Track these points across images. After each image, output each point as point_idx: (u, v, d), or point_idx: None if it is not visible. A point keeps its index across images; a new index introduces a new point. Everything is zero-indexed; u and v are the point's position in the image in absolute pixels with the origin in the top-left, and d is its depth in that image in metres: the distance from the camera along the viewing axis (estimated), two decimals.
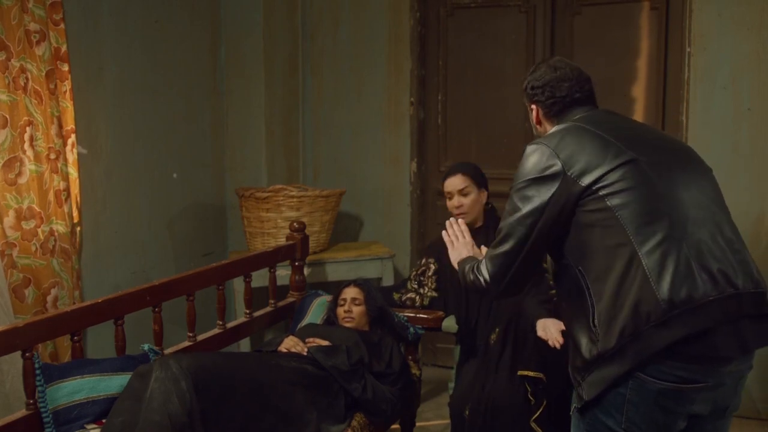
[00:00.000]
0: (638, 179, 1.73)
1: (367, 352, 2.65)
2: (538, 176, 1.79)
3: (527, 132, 3.95)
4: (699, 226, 1.71)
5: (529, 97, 2.04)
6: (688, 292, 1.63)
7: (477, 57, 4.06)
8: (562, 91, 1.97)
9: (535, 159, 1.81)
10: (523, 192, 1.81)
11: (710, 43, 3.48)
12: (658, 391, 1.66)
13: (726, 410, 1.78)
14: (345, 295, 2.88)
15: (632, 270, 1.67)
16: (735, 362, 1.70)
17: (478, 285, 1.93)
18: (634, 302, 1.65)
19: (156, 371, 2.11)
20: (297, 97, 4.23)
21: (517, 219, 1.81)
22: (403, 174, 4.17)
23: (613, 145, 1.77)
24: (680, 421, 1.70)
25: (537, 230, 1.79)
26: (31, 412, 2.09)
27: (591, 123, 1.86)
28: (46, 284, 2.82)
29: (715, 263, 1.67)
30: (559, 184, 1.76)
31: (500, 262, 1.85)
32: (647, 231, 1.68)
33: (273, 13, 3.99)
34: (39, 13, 2.77)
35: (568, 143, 1.79)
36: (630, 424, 1.69)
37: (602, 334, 1.69)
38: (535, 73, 2.03)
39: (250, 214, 3.60)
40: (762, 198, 3.47)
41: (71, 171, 2.99)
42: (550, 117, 2.01)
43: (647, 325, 1.63)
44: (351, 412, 2.52)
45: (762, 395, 3.53)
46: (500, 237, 1.86)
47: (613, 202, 1.71)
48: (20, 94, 2.71)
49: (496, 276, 1.87)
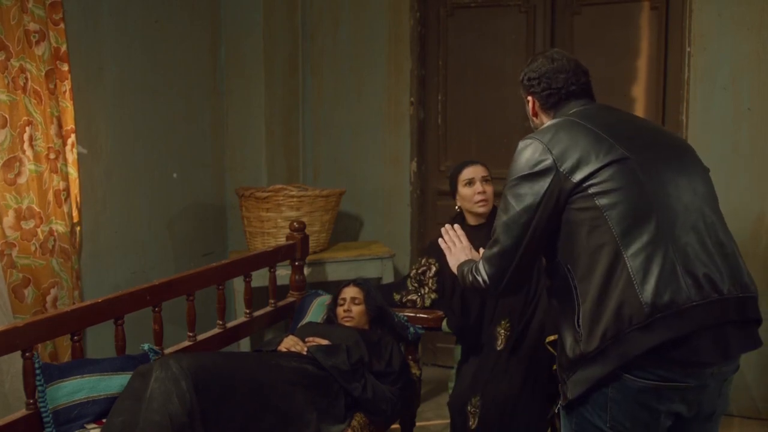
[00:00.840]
0: (628, 179, 1.71)
1: (367, 352, 2.64)
2: (530, 172, 1.77)
3: (527, 131, 3.92)
4: (687, 229, 1.69)
5: (525, 89, 2.03)
6: (671, 296, 1.62)
7: (477, 57, 4.06)
8: (558, 82, 1.95)
9: (528, 154, 1.80)
10: (515, 190, 1.80)
11: (710, 43, 3.48)
12: (638, 389, 1.66)
13: (713, 414, 1.77)
14: (344, 294, 2.88)
15: (617, 272, 1.66)
16: (717, 366, 1.69)
17: (477, 286, 1.91)
18: (617, 305, 1.64)
19: (156, 371, 2.11)
20: (297, 97, 4.23)
21: (511, 218, 1.79)
22: (403, 174, 4.17)
23: (605, 142, 1.75)
24: (663, 419, 1.70)
25: (532, 228, 1.77)
26: (31, 411, 2.09)
27: (585, 118, 1.84)
28: (45, 284, 2.82)
29: (701, 268, 1.66)
30: (552, 180, 1.75)
31: (497, 262, 1.84)
32: (634, 233, 1.67)
33: (273, 13, 3.99)
34: (38, 12, 2.76)
35: (561, 138, 1.77)
36: (615, 422, 1.70)
37: (585, 334, 1.69)
38: (532, 64, 2.01)
39: (250, 214, 3.60)
40: (762, 198, 3.47)
41: (71, 171, 2.99)
42: (546, 109, 1.99)
43: (630, 328, 1.63)
44: (351, 412, 2.51)
45: (763, 395, 3.53)
46: (495, 237, 1.84)
47: (601, 201, 1.70)
48: (20, 93, 2.71)
49: (494, 276, 1.85)
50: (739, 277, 1.71)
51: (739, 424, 3.51)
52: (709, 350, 1.65)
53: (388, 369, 2.67)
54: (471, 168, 2.93)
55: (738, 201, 3.45)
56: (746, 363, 3.46)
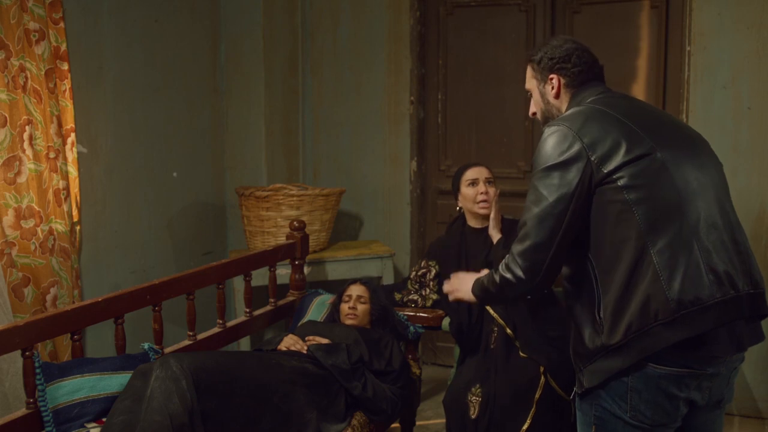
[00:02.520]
0: (657, 174, 1.71)
1: (368, 351, 2.64)
2: (561, 160, 1.73)
3: (527, 130, 3.95)
4: (709, 226, 1.71)
5: (548, 68, 1.96)
6: (696, 293, 1.64)
7: (477, 56, 4.06)
8: (589, 60, 1.93)
9: (556, 142, 1.75)
10: (547, 180, 1.74)
11: (710, 42, 3.48)
12: (659, 376, 1.68)
13: (720, 401, 1.81)
14: (351, 291, 2.88)
15: (643, 266, 1.67)
16: (730, 356, 1.74)
17: (508, 284, 1.82)
18: (643, 299, 1.65)
19: (157, 370, 2.11)
20: (297, 96, 4.23)
21: (545, 209, 1.73)
22: (403, 173, 4.17)
23: (635, 134, 1.74)
24: (682, 407, 1.73)
25: (567, 219, 1.73)
26: (31, 411, 2.09)
27: (612, 107, 1.81)
28: (45, 283, 2.82)
29: (722, 264, 1.68)
30: (584, 168, 1.71)
31: (531, 256, 1.77)
32: (660, 229, 1.67)
33: (273, 12, 3.99)
34: (38, 12, 2.76)
35: (591, 127, 1.74)
36: (635, 411, 1.71)
37: (607, 327, 1.70)
38: (551, 45, 1.97)
39: (250, 213, 3.59)
40: (762, 197, 3.47)
41: (71, 170, 2.99)
42: (572, 87, 1.94)
43: (655, 323, 1.64)
44: (351, 411, 2.51)
45: (763, 394, 3.53)
46: (525, 230, 1.77)
47: (630, 195, 1.69)
48: (19, 93, 2.71)
49: (529, 271, 1.78)
50: (751, 273, 1.74)
51: (739, 423, 3.51)
52: (725, 344, 1.69)
53: (388, 368, 2.67)
54: (475, 169, 2.94)
55: (738, 200, 3.43)
56: (747, 362, 3.48)
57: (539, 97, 2.01)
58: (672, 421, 1.74)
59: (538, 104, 2.03)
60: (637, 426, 1.72)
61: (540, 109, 2.03)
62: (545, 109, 2.00)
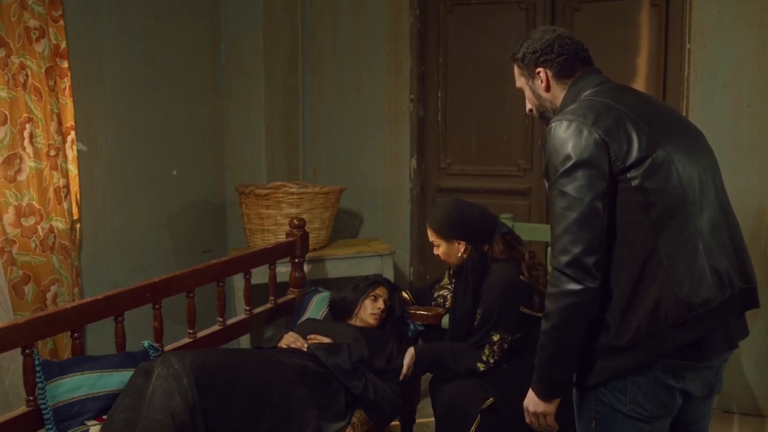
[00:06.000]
0: (666, 174, 1.69)
1: (368, 349, 2.64)
2: (586, 158, 1.67)
3: (527, 129, 3.95)
4: (712, 225, 1.72)
5: (533, 63, 1.92)
6: (704, 294, 1.65)
7: (477, 54, 4.06)
8: (571, 47, 1.89)
9: (572, 137, 1.69)
10: (575, 182, 1.66)
11: (710, 41, 3.47)
12: (657, 368, 1.69)
13: (711, 392, 1.83)
14: (380, 292, 2.87)
15: (652, 267, 1.66)
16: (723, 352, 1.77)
17: (571, 308, 1.68)
18: (654, 301, 1.65)
19: (158, 368, 2.11)
20: (297, 95, 4.23)
21: (585, 211, 1.65)
22: (403, 171, 4.17)
23: (644, 131, 1.71)
24: (678, 398, 1.75)
25: (607, 215, 1.67)
26: (31, 408, 2.09)
27: (621, 102, 1.77)
28: (45, 281, 2.82)
29: (723, 264, 1.70)
30: (608, 162, 1.67)
31: (583, 262, 1.65)
32: (669, 230, 1.67)
33: (273, 11, 3.99)
34: (38, 10, 2.76)
35: (603, 122, 1.70)
36: (634, 404, 1.73)
37: (614, 326, 1.70)
38: (531, 39, 1.94)
39: (249, 211, 3.59)
40: (762, 195, 3.47)
41: (71, 168, 2.99)
42: (561, 78, 1.90)
43: (664, 325, 1.65)
44: (351, 409, 2.52)
45: (762, 392, 3.53)
46: (571, 237, 1.66)
47: (641, 197, 1.68)
48: (20, 90, 2.71)
49: (589, 276, 1.66)
50: (745, 269, 1.75)
51: (738, 421, 3.51)
52: (719, 341, 1.72)
53: (388, 366, 2.68)
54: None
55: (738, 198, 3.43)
56: (746, 360, 3.50)
57: (531, 93, 1.98)
58: (669, 412, 1.75)
59: (532, 100, 2.00)
60: (636, 418, 1.73)
61: (534, 105, 2.00)
62: (539, 104, 1.97)
